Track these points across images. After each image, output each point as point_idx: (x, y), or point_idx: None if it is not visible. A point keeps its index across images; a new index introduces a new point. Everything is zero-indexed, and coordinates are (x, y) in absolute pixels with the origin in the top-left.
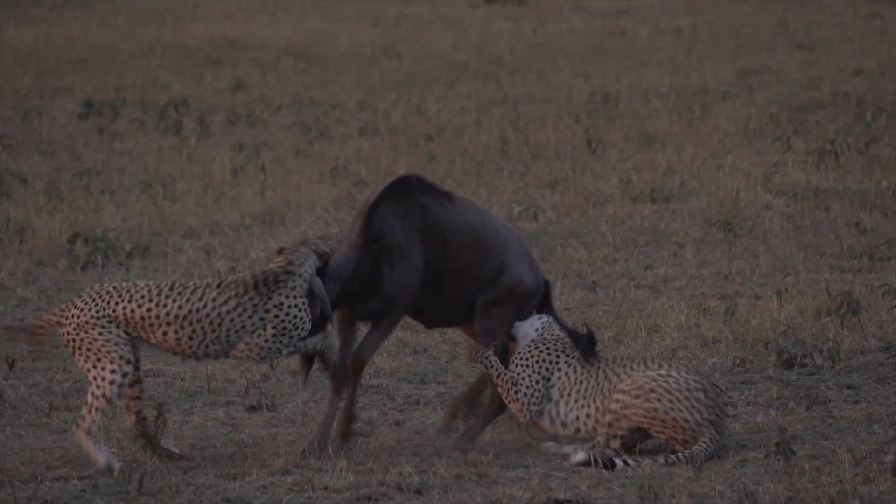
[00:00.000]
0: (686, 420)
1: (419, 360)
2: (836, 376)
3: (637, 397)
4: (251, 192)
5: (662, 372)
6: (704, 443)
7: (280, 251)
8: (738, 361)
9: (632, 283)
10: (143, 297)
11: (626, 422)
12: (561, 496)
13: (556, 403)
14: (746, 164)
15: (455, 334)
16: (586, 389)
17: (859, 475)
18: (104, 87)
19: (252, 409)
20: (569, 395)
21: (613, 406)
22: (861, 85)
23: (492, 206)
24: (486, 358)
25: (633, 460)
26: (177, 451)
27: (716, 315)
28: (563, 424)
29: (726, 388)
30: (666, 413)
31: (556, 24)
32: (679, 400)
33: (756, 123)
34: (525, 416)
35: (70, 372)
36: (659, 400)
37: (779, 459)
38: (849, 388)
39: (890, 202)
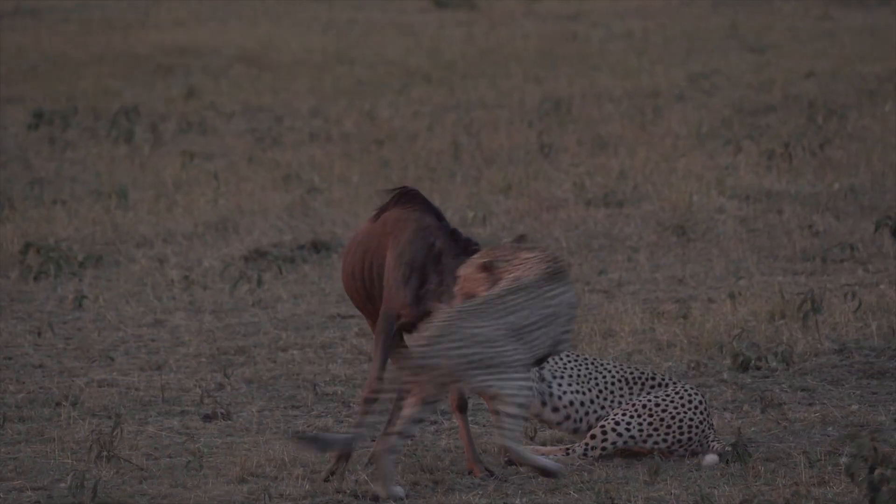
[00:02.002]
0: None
1: None
2: (790, 379)
3: None
4: (204, 200)
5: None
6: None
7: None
8: (692, 365)
9: (586, 288)
10: None
11: None
12: (517, 502)
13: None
14: (699, 167)
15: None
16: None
17: (814, 477)
18: (55, 95)
19: (207, 418)
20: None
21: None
22: (812, 87)
23: (445, 212)
24: None
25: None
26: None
27: (670, 319)
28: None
29: None
30: None
31: (507, 28)
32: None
33: (708, 127)
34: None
35: (23, 383)
36: None
37: (734, 462)
38: (803, 390)
39: (842, 204)
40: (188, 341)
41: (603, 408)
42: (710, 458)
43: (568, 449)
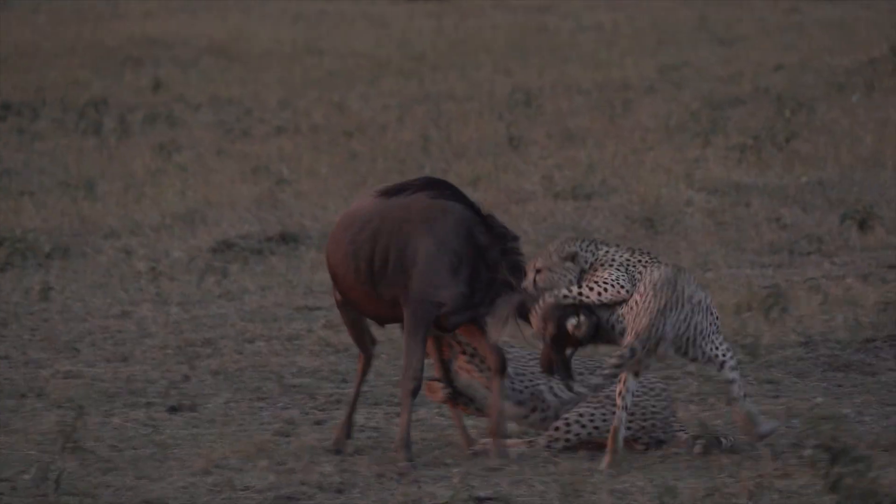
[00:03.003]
0: None
1: (341, 359)
2: (756, 371)
3: None
4: (172, 191)
5: None
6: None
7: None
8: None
9: None
10: None
11: None
12: (482, 494)
13: None
14: (667, 160)
15: (375, 333)
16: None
17: (778, 469)
18: (24, 86)
19: (172, 409)
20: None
21: None
22: (781, 80)
23: None
24: None
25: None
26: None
27: None
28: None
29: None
30: None
31: (477, 20)
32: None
33: (677, 119)
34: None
35: None
36: None
37: (699, 454)
38: (769, 382)
39: (810, 197)
40: (154, 333)
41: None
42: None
43: (531, 441)
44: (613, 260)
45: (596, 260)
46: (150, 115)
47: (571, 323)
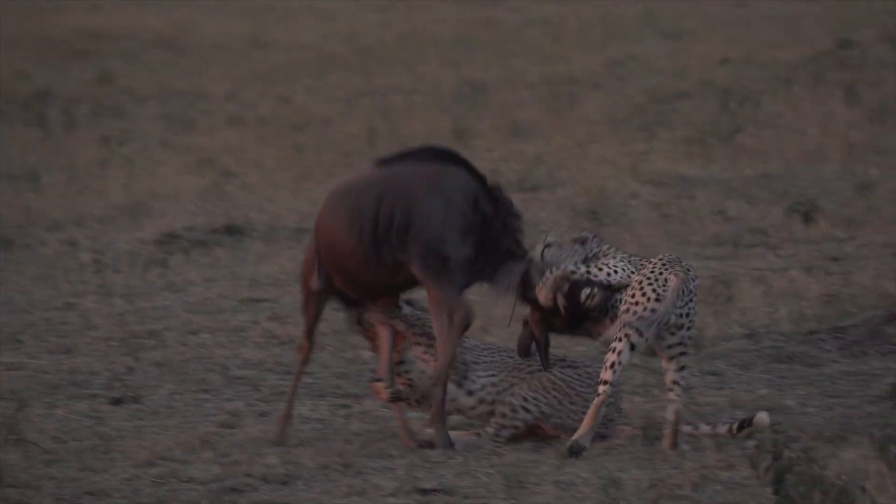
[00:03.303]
0: None
1: (285, 351)
2: (700, 363)
3: None
4: (117, 183)
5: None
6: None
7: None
8: (603, 350)
9: None
10: None
11: None
12: (427, 485)
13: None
14: (613, 153)
15: (321, 325)
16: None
17: (721, 461)
18: None
19: (116, 401)
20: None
21: None
22: (727, 74)
23: None
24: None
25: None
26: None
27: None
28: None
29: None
30: None
31: (424, 13)
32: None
33: (623, 113)
34: None
35: None
36: None
37: (643, 446)
38: (712, 374)
39: (754, 190)
40: (98, 325)
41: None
42: (763, 416)
43: (479, 432)
44: (617, 254)
45: (601, 252)
46: (96, 108)
47: (585, 292)
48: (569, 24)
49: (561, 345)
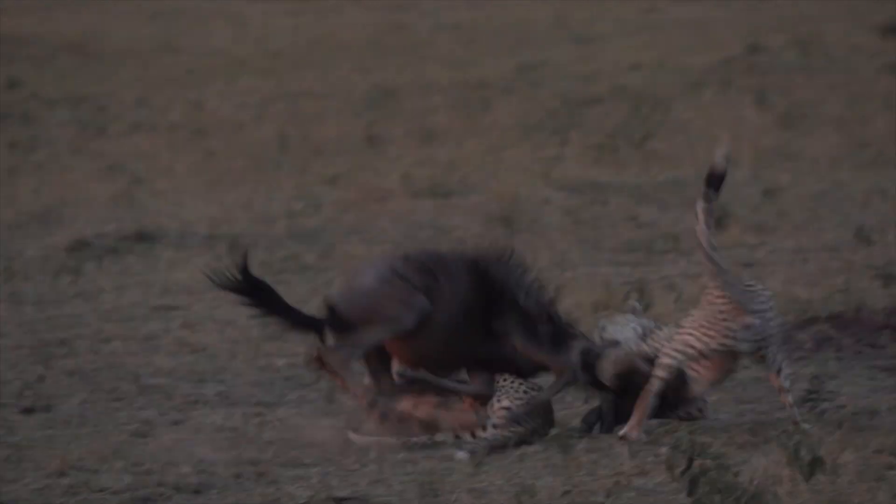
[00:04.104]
0: None
1: (198, 359)
2: None
3: None
4: (26, 190)
5: None
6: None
7: None
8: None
9: None
10: None
11: None
12: (340, 493)
13: None
14: (525, 159)
15: (231, 332)
16: None
17: (635, 467)
18: None
19: (27, 410)
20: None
21: None
22: (638, 79)
23: (271, 203)
24: None
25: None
26: None
27: None
28: None
29: None
30: None
31: (336, 18)
32: None
33: (535, 118)
34: None
35: None
36: None
37: (557, 453)
38: None
39: (666, 196)
40: (8, 333)
41: None
42: (461, 455)
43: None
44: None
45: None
46: (5, 113)
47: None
48: (480, 29)
49: None
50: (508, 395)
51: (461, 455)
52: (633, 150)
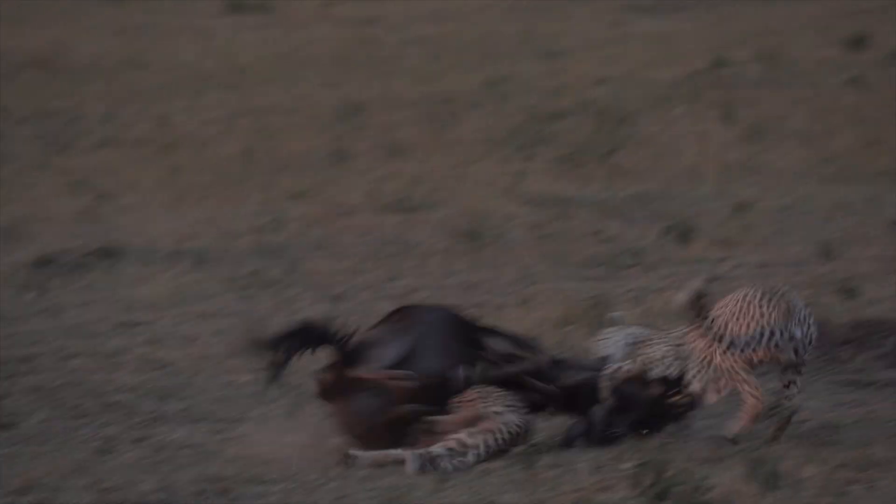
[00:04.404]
0: None
1: (161, 376)
2: None
3: None
4: None
5: None
6: None
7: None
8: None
9: (377, 295)
10: None
11: None
12: None
13: None
14: (491, 173)
15: (195, 349)
16: None
17: (597, 483)
18: None
19: None
20: None
21: None
22: (604, 93)
23: (237, 219)
24: None
25: None
26: None
27: None
28: None
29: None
30: None
31: (302, 32)
32: None
33: (501, 133)
34: None
35: None
36: None
37: (520, 468)
38: None
39: (631, 210)
40: None
41: None
42: (411, 464)
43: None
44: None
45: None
46: None
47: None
48: (447, 44)
49: None
50: (498, 403)
51: (413, 467)
52: (598, 165)
